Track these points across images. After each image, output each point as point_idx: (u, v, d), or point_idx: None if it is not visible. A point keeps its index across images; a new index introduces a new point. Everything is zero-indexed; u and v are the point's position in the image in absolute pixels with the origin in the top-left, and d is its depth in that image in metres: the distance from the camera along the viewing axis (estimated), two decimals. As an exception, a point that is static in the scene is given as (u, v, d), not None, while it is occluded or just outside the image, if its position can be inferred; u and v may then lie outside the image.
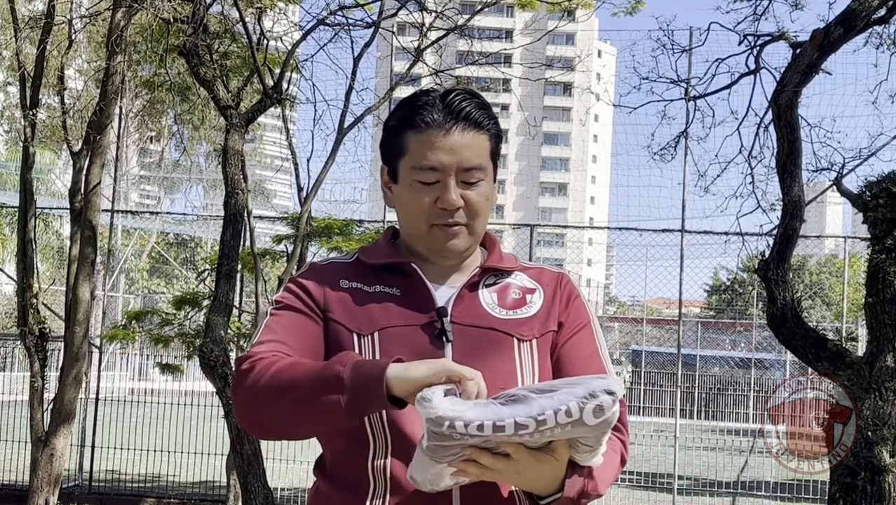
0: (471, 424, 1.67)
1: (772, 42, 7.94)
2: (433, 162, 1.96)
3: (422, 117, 1.97)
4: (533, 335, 2.00)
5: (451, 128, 1.96)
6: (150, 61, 11.22)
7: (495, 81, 11.41)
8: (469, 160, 1.97)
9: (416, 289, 2.00)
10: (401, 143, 2.00)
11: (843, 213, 27.32)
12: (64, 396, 8.35)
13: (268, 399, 1.85)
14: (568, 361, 2.03)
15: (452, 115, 1.96)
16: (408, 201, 2.00)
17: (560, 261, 35.81)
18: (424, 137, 1.96)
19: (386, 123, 2.06)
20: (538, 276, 2.10)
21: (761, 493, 12.91)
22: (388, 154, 2.04)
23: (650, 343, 29.92)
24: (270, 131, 35.06)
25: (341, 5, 8.87)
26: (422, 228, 2.00)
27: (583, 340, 2.06)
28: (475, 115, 1.98)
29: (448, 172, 1.96)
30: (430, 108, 1.98)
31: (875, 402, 6.06)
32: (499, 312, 2.01)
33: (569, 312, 2.06)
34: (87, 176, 8.60)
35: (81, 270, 8.39)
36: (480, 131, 1.99)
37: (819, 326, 16.63)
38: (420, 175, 1.97)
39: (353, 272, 2.04)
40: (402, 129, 2.00)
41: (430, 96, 2.00)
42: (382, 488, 1.90)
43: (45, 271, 22.00)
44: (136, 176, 38.03)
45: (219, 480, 11.16)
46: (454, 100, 1.98)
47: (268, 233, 13.65)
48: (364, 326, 1.96)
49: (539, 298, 2.05)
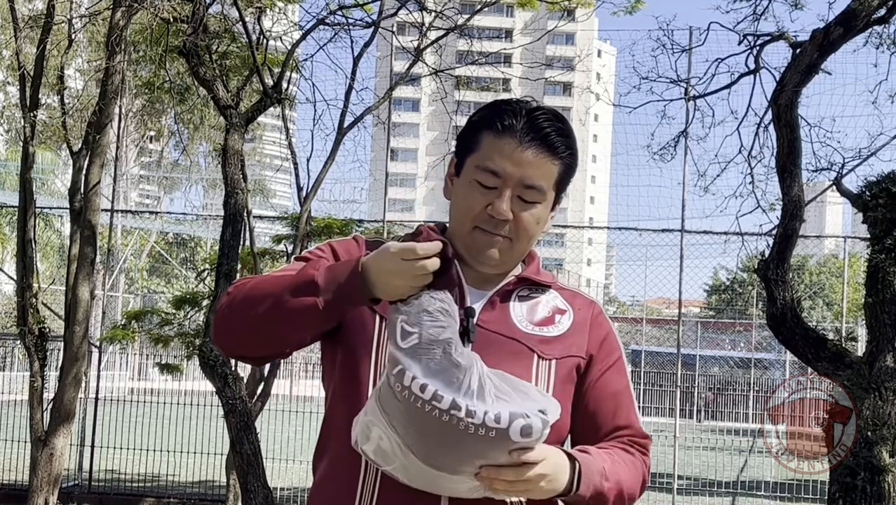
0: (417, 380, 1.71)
1: (772, 42, 7.94)
2: (497, 167, 1.96)
3: (502, 120, 1.98)
4: (554, 356, 2.00)
5: (527, 144, 1.96)
6: (149, 61, 11.22)
7: (495, 81, 11.39)
8: (532, 178, 1.96)
9: (450, 283, 1.98)
10: (474, 140, 2.01)
11: (843, 213, 27.33)
12: (63, 395, 8.35)
13: (243, 307, 1.91)
14: (601, 398, 2.05)
15: (532, 132, 1.96)
16: (462, 197, 2.00)
17: (560, 261, 35.80)
18: (498, 141, 1.97)
19: (469, 118, 2.07)
20: (571, 298, 2.10)
21: (761, 493, 12.91)
22: (460, 147, 2.05)
23: (650, 343, 29.91)
24: (270, 131, 35.06)
25: (341, 5, 8.88)
26: (466, 227, 1.99)
27: (615, 376, 2.08)
28: (554, 140, 1.98)
29: (508, 183, 1.96)
30: (514, 115, 1.98)
31: (875, 402, 6.06)
32: (525, 326, 2.00)
33: (601, 347, 2.07)
34: (87, 175, 8.60)
35: (81, 269, 8.39)
36: (553, 157, 1.98)
37: (819, 326, 16.63)
38: (481, 176, 1.97)
39: None
40: (480, 127, 2.01)
41: (518, 105, 2.00)
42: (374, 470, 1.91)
43: (44, 271, 22.00)
44: (135, 175, 38.04)
45: (218, 480, 11.15)
46: (539, 117, 1.98)
47: (268, 232, 13.65)
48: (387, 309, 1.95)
49: (568, 320, 2.05)
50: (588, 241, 40.77)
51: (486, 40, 11.15)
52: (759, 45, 8.00)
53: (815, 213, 33.86)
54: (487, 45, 11.21)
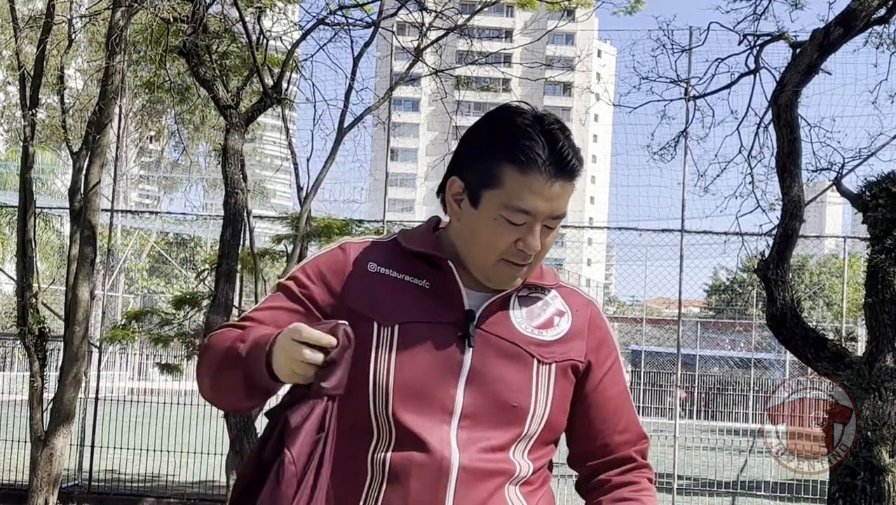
0: None
1: (772, 42, 7.95)
2: (529, 208, 1.90)
3: (526, 155, 1.88)
4: (553, 359, 1.98)
5: (554, 178, 1.90)
6: (149, 61, 11.22)
7: (495, 81, 11.40)
8: (560, 209, 1.94)
9: (447, 286, 1.96)
10: (495, 174, 1.90)
11: (843, 213, 27.35)
12: (63, 395, 8.35)
13: (204, 373, 1.96)
14: (601, 402, 2.05)
15: (558, 166, 1.90)
16: (487, 233, 1.92)
17: (560, 261, 35.78)
18: (528, 180, 1.88)
19: (474, 139, 1.96)
20: (570, 299, 2.08)
21: (761, 493, 12.91)
22: (470, 173, 1.94)
23: (650, 343, 29.91)
24: (270, 131, 35.04)
25: (341, 5, 8.87)
26: (490, 260, 1.94)
27: (614, 378, 2.07)
28: (577, 167, 1.92)
29: (539, 218, 1.91)
30: (534, 146, 1.89)
31: (875, 402, 6.06)
32: (525, 329, 1.98)
33: (599, 352, 2.05)
34: (87, 176, 8.60)
35: (81, 269, 8.39)
36: (575, 180, 1.94)
37: (819, 326, 16.64)
38: (511, 215, 1.90)
39: (386, 255, 2.00)
40: (498, 159, 1.90)
41: (532, 128, 1.90)
42: (379, 480, 1.90)
43: (44, 271, 21.99)
44: (135, 175, 38.04)
45: (218, 480, 11.15)
46: (562, 148, 1.90)
47: (267, 232, 13.65)
48: (386, 317, 1.93)
49: (567, 322, 2.03)
50: (588, 241, 40.77)
51: (486, 40, 11.15)
52: (759, 45, 8.01)
53: (815, 213, 33.86)
54: (487, 45, 11.20)
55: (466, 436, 1.89)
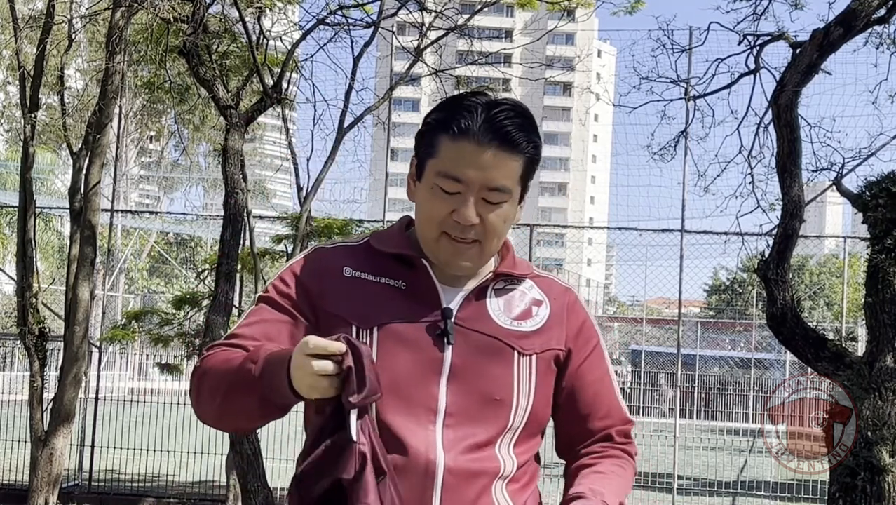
0: None
1: (772, 42, 7.95)
2: (458, 174, 1.90)
3: (458, 123, 1.90)
4: (534, 350, 1.98)
5: (486, 145, 1.89)
6: (149, 61, 11.22)
7: (495, 81, 11.40)
8: (495, 180, 1.91)
9: (423, 285, 1.96)
10: (432, 144, 1.94)
11: (843, 213, 27.36)
12: (63, 395, 8.35)
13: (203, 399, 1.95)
14: (581, 387, 2.04)
15: (490, 132, 1.89)
16: (426, 203, 1.96)
17: (560, 261, 35.80)
18: (456, 146, 1.90)
19: (425, 118, 2.00)
20: (548, 288, 2.07)
21: (761, 493, 12.91)
22: (419, 149, 1.99)
23: (650, 343, 29.94)
24: (270, 131, 35.03)
25: (341, 5, 8.88)
26: (433, 234, 1.95)
27: (593, 363, 2.07)
28: (515, 136, 1.90)
29: (471, 188, 1.90)
30: (470, 115, 1.90)
31: (875, 402, 6.06)
32: (504, 321, 1.98)
33: (578, 338, 2.05)
34: (87, 176, 8.61)
35: (81, 269, 8.40)
36: (515, 153, 1.91)
37: (819, 326, 16.64)
38: (443, 182, 1.91)
39: (359, 259, 2.00)
40: (437, 129, 1.94)
41: (474, 102, 1.92)
42: None
43: (44, 271, 21.99)
44: (135, 175, 38.05)
45: (218, 480, 11.15)
46: (497, 116, 1.90)
47: (267, 232, 13.65)
48: (364, 319, 1.93)
49: (545, 311, 2.03)
50: (588, 241, 40.80)
51: (486, 40, 11.15)
52: (759, 45, 8.01)
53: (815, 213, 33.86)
54: (487, 45, 11.21)
55: (452, 434, 1.89)
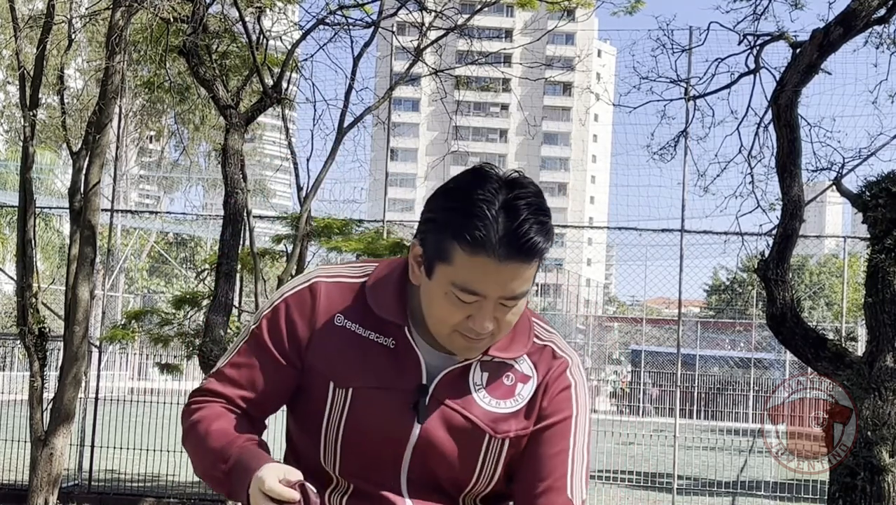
0: None
1: (772, 42, 7.95)
2: (477, 289, 1.75)
3: (473, 234, 1.71)
4: (507, 433, 1.90)
5: (507, 260, 1.73)
6: (149, 61, 11.22)
7: (495, 81, 11.41)
8: (516, 290, 1.77)
9: (408, 352, 1.89)
10: (444, 248, 1.76)
11: (843, 213, 27.35)
12: (63, 395, 8.35)
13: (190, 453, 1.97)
14: (532, 454, 1.92)
15: (512, 248, 1.72)
16: (438, 306, 1.81)
17: (560, 260, 35.79)
18: (473, 262, 1.73)
19: (434, 205, 1.81)
20: (539, 360, 1.95)
21: (761, 493, 12.91)
22: (426, 241, 1.81)
23: (650, 343, 29.94)
24: (270, 131, 35.05)
25: (341, 5, 8.88)
26: (445, 330, 1.83)
27: (555, 435, 1.92)
28: (537, 247, 1.74)
29: (491, 299, 1.77)
30: (486, 224, 1.71)
31: (875, 402, 6.06)
32: (482, 399, 1.90)
33: (550, 404, 1.92)
34: (87, 175, 8.61)
35: (81, 269, 8.39)
36: (535, 260, 1.76)
37: (819, 326, 16.65)
38: (459, 293, 1.77)
39: (354, 305, 1.91)
40: (450, 234, 1.75)
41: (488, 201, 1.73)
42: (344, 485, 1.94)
43: (44, 271, 22.00)
44: (135, 175, 38.05)
45: (218, 480, 11.14)
46: (518, 227, 1.71)
47: (267, 232, 13.66)
48: (342, 379, 1.89)
49: (529, 390, 1.92)
50: (588, 240, 40.77)
51: (486, 40, 11.16)
52: (759, 45, 8.01)
53: (815, 213, 33.86)
54: (487, 45, 11.21)
55: (416, 490, 1.91)
